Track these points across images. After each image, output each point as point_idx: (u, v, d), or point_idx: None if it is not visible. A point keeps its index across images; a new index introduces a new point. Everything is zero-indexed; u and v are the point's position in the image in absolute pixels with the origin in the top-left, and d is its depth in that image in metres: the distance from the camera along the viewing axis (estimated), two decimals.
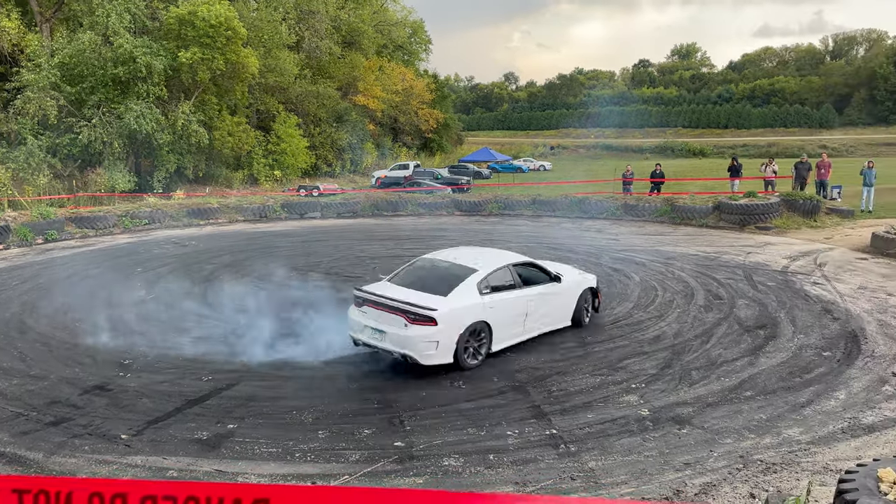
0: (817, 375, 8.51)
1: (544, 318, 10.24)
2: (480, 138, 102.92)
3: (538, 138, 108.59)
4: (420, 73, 67.30)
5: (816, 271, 14.88)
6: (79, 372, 9.20)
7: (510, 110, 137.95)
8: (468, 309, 8.93)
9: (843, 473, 4.38)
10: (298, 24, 46.79)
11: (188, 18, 32.86)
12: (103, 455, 6.68)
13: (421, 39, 67.63)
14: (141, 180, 34.14)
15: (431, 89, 62.94)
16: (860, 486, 4.08)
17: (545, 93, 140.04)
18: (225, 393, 8.33)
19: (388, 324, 8.82)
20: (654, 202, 25.54)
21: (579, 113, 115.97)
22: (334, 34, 49.90)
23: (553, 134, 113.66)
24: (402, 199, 29.91)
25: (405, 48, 65.95)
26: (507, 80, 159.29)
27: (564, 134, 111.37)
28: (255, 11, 42.81)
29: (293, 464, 6.44)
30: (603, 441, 6.80)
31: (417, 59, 68.94)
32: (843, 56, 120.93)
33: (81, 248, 20.63)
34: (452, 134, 74.82)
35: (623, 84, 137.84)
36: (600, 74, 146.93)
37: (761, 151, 75.42)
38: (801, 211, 22.05)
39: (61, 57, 32.08)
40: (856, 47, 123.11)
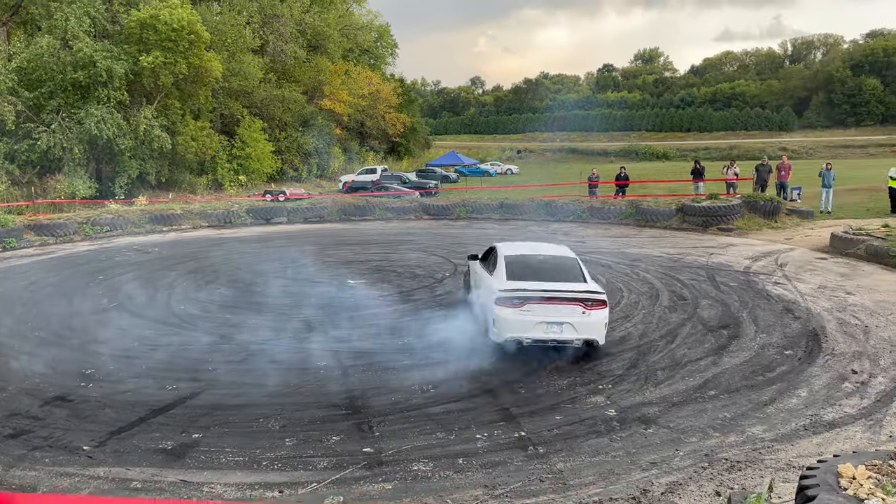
0: (779, 374, 8.67)
1: None
2: (448, 142, 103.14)
3: (505, 142, 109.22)
4: (386, 77, 67.26)
5: (777, 271, 15.17)
6: (39, 383, 8.99)
7: (477, 114, 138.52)
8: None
9: (805, 470, 4.47)
10: (263, 28, 46.43)
11: (150, 22, 32.41)
12: (65, 467, 6.53)
13: (387, 44, 67.59)
14: (102, 186, 33.55)
15: (398, 93, 62.97)
16: (821, 481, 4.16)
17: (511, 97, 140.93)
18: (190, 402, 8.20)
19: (566, 315, 9.24)
20: (619, 205, 25.83)
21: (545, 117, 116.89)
22: (299, 38, 49.62)
23: (520, 138, 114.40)
24: (369, 204, 29.83)
25: (371, 52, 65.84)
26: (474, 85, 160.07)
27: (531, 138, 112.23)
28: (218, 15, 42.42)
29: (260, 472, 6.36)
30: (571, 442, 6.84)
31: (384, 63, 68.92)
32: (802, 60, 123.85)
33: (41, 257, 20.18)
34: (420, 138, 74.89)
35: (588, 88, 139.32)
36: (565, 79, 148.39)
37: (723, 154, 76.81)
38: (762, 212, 22.47)
39: (19, 61, 31.43)
40: (814, 51, 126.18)
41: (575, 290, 9.45)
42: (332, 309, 12.77)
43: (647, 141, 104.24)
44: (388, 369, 9.19)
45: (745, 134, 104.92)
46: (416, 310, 12.53)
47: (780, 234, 20.70)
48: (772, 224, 21.98)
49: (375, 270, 16.55)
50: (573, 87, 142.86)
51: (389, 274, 16.07)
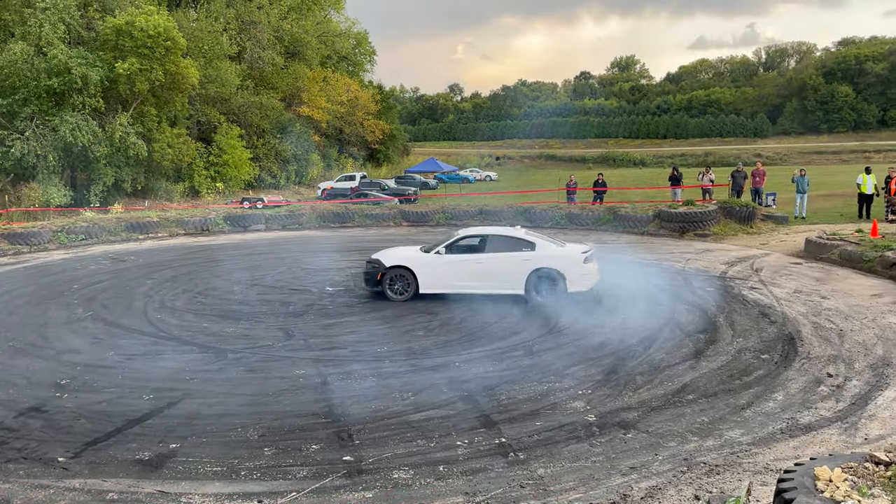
0: (756, 378, 8.76)
1: None
2: (427, 149, 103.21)
3: (484, 149, 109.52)
4: (365, 84, 67.16)
5: (753, 276, 15.34)
6: (13, 393, 8.84)
7: (456, 121, 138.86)
8: None
9: (782, 473, 4.51)
10: (240, 35, 46.20)
11: (125, 29, 32.12)
12: (39, 479, 6.42)
13: (365, 51, 67.51)
14: (77, 194, 33.14)
15: (377, 100, 62.88)
16: (798, 484, 4.20)
17: (490, 104, 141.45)
18: (167, 411, 8.11)
19: None
20: (597, 211, 26.00)
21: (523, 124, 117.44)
22: (277, 45, 49.40)
23: (498, 144, 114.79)
24: (348, 211, 29.75)
25: (349, 59, 65.72)
26: (453, 92, 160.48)
27: (509, 144, 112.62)
28: (195, 22, 42.12)
29: (238, 482, 6.30)
30: (551, 448, 6.86)
31: (362, 70, 68.81)
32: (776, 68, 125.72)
33: (15, 265, 19.87)
34: (399, 145, 74.85)
35: (565, 95, 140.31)
36: (543, 86, 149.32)
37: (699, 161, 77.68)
38: (737, 218, 22.73)
39: None
40: (787, 59, 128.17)
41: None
42: (311, 316, 12.71)
43: (624, 148, 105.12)
44: (367, 376, 9.16)
45: (720, 140, 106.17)
46: (397, 316, 12.51)
47: (756, 239, 20.95)
48: (747, 229, 22.24)
49: (355, 277, 16.48)
50: (551, 94, 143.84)
51: None
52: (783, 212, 24.54)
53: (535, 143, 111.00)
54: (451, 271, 13.51)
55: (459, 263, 13.53)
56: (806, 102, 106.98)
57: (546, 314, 12.30)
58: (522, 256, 13.34)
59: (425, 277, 13.62)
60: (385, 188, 41.93)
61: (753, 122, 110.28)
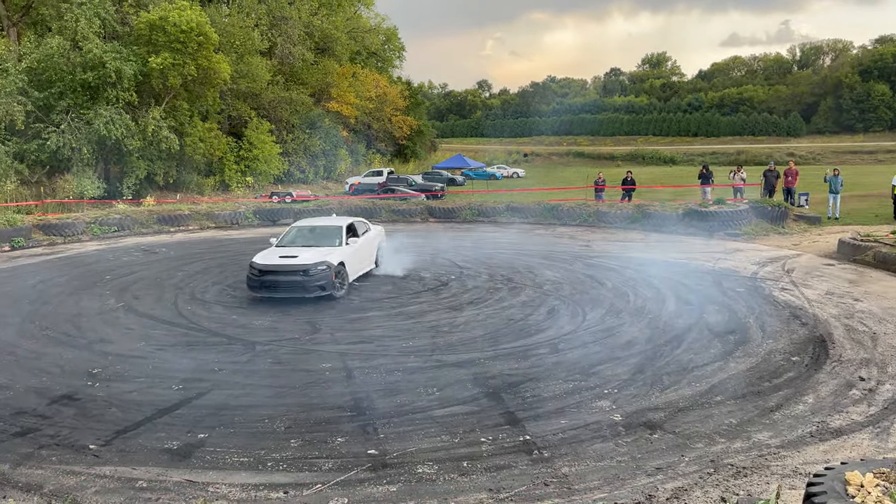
0: (786, 380, 8.64)
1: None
2: (454, 145, 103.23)
3: (511, 145, 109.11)
4: (394, 80, 67.35)
5: (784, 277, 15.12)
6: (46, 381, 9.03)
7: (484, 117, 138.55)
8: None
9: (812, 477, 4.45)
10: (271, 30, 46.57)
11: (159, 24, 32.55)
12: (71, 466, 6.55)
13: (394, 46, 67.69)
14: (110, 187, 33.70)
15: (405, 96, 63.05)
16: (828, 489, 4.14)
17: (518, 100, 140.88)
18: (195, 402, 8.23)
19: None
20: (625, 209, 25.79)
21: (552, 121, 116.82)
22: (307, 40, 49.74)
23: (526, 141, 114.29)
24: (375, 206, 29.87)
25: (379, 55, 65.94)
26: (481, 88, 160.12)
27: (537, 141, 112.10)
28: (227, 17, 42.56)
29: (265, 473, 6.38)
30: (576, 446, 6.83)
31: (391, 66, 69.00)
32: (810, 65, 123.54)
33: (49, 256, 20.27)
34: (426, 141, 74.97)
35: (595, 92, 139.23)
36: (572, 82, 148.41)
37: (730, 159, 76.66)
38: (769, 218, 22.40)
39: (29, 62, 31.59)
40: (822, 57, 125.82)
41: None
42: (337, 310, 12.80)
43: (654, 145, 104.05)
44: (392, 371, 9.20)
45: (752, 139, 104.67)
46: (422, 312, 12.54)
47: (788, 239, 20.64)
48: (779, 230, 21.91)
49: (380, 272, 16.55)
50: (580, 90, 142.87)
51: (394, 276, 16.08)
52: (816, 212, 24.13)
53: (563, 139, 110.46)
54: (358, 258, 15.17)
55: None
56: (841, 101, 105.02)
57: (572, 312, 12.25)
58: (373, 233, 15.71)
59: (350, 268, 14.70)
60: (412, 184, 42.02)
61: (786, 120, 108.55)
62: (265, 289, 13.36)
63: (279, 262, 13.42)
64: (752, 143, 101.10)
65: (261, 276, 13.28)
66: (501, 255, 18.67)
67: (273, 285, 13.29)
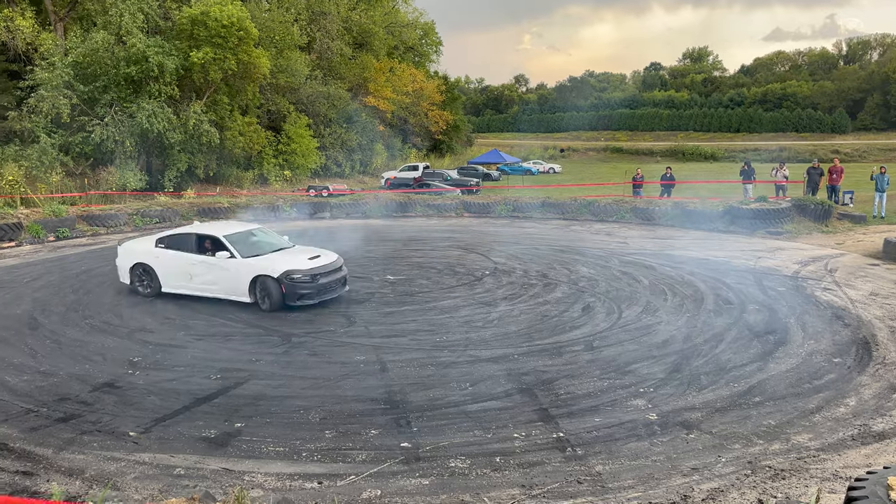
0: (827, 382, 8.46)
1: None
2: (490, 140, 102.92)
3: (548, 140, 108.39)
4: (430, 74, 67.38)
5: (827, 277, 14.79)
6: (88, 369, 9.26)
7: (520, 112, 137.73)
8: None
9: (853, 481, 4.35)
10: (310, 25, 46.94)
11: (200, 18, 33.00)
12: (111, 452, 6.71)
13: (432, 41, 67.69)
14: (152, 179, 34.33)
15: (442, 91, 63.01)
16: (870, 493, 4.05)
17: (555, 95, 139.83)
18: (233, 391, 8.36)
19: None
20: (664, 206, 25.45)
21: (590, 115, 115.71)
22: (345, 35, 50.01)
23: (563, 136, 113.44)
24: (411, 201, 29.93)
25: (416, 50, 66.03)
26: (518, 83, 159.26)
27: (575, 136, 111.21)
28: (267, 12, 42.96)
29: (300, 463, 6.45)
30: (610, 445, 6.78)
31: (428, 60, 69.02)
32: (857, 60, 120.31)
33: (92, 246, 20.74)
34: (462, 135, 74.91)
35: (634, 87, 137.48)
36: (611, 77, 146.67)
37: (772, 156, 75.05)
38: (812, 216, 21.93)
39: (75, 56, 32.29)
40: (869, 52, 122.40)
41: None
42: (372, 304, 12.87)
43: (695, 141, 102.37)
44: (426, 365, 9.23)
45: (795, 135, 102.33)
46: (456, 307, 12.55)
47: (831, 238, 20.17)
48: (822, 228, 21.43)
49: (416, 267, 16.61)
50: (619, 85, 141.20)
51: (429, 271, 16.12)
52: (861, 211, 23.53)
53: (600, 135, 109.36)
54: None
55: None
56: (889, 97, 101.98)
57: (607, 310, 12.14)
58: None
59: None
60: (447, 179, 41.99)
61: (831, 116, 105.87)
62: (320, 293, 12.55)
63: (323, 263, 12.77)
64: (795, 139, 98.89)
65: (315, 282, 12.41)
66: (536, 252, 18.58)
67: (326, 289, 12.66)
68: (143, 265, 13.45)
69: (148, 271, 13.41)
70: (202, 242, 13.10)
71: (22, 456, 6.63)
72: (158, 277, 13.32)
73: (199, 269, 12.95)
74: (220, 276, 12.75)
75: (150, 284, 13.42)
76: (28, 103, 31.27)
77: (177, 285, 13.22)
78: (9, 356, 9.81)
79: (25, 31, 33.57)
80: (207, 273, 12.86)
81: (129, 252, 13.78)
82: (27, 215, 22.46)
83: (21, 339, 10.72)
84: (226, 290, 12.80)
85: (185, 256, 13.09)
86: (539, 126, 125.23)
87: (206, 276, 12.90)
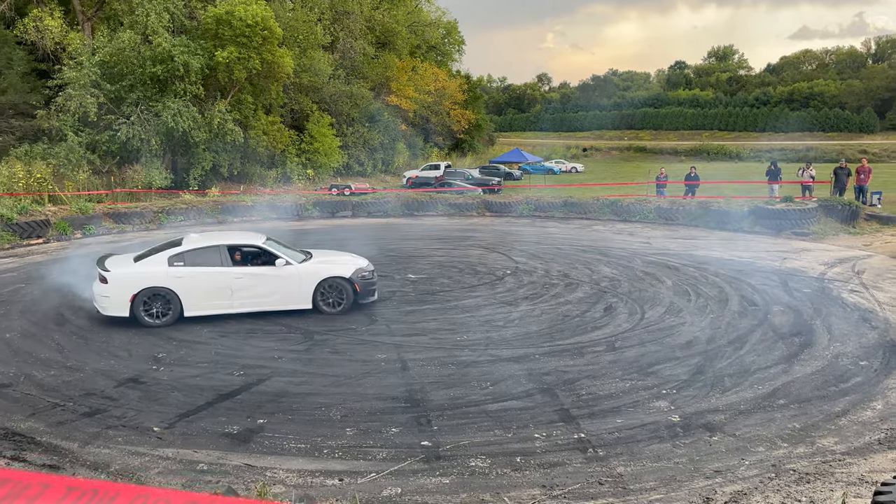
0: (853, 385, 8.33)
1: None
2: (512, 139, 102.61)
3: (571, 140, 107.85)
4: (453, 73, 67.31)
5: (854, 279, 14.57)
6: (114, 364, 9.38)
7: (543, 111, 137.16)
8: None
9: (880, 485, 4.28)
10: (333, 25, 47.11)
11: (225, 18, 33.27)
12: (136, 447, 6.79)
13: (454, 40, 67.62)
14: (177, 177, 34.67)
15: (464, 90, 62.92)
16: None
17: (578, 94, 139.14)
18: (255, 388, 8.42)
19: None
20: (688, 205, 25.23)
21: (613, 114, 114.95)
22: (368, 35, 50.14)
23: (586, 135, 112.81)
24: (432, 200, 29.96)
25: (438, 49, 66.00)
26: (540, 81, 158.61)
27: (598, 135, 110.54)
28: (291, 12, 43.20)
29: (321, 460, 6.49)
30: (632, 446, 6.73)
31: (450, 59, 68.93)
32: (886, 59, 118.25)
33: (118, 243, 21.01)
34: (484, 134, 74.73)
35: (658, 86, 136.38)
36: (635, 76, 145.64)
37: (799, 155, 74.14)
38: (839, 217, 21.62)
39: (102, 55, 32.72)
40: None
41: None
42: (393, 302, 12.90)
43: (720, 140, 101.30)
44: (446, 364, 9.23)
45: (822, 135, 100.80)
46: (477, 306, 12.54)
47: (858, 239, 19.87)
48: (849, 229, 21.12)
49: (437, 266, 16.62)
50: (643, 84, 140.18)
51: (450, 270, 16.12)
52: (889, 212, 23.14)
53: (624, 134, 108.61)
54: None
55: None
56: None
57: (630, 310, 12.07)
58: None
59: None
60: (469, 178, 41.95)
61: (859, 116, 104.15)
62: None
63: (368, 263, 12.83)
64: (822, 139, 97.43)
65: (374, 279, 12.60)
66: (558, 251, 18.51)
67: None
68: (156, 290, 11.34)
69: (163, 296, 11.35)
70: (233, 254, 11.92)
71: (49, 449, 6.73)
72: (181, 301, 11.42)
73: (246, 282, 11.68)
74: (277, 286, 11.78)
75: (165, 312, 11.37)
76: (56, 102, 31.74)
77: (208, 305, 11.62)
78: (36, 351, 9.97)
79: (54, 31, 34.11)
80: (258, 285, 11.72)
81: (129, 279, 11.39)
82: (55, 212, 22.82)
83: (48, 334, 10.90)
84: (283, 299, 11.88)
85: (222, 271, 11.60)
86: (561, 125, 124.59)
87: (256, 289, 11.71)
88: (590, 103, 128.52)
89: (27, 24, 34.21)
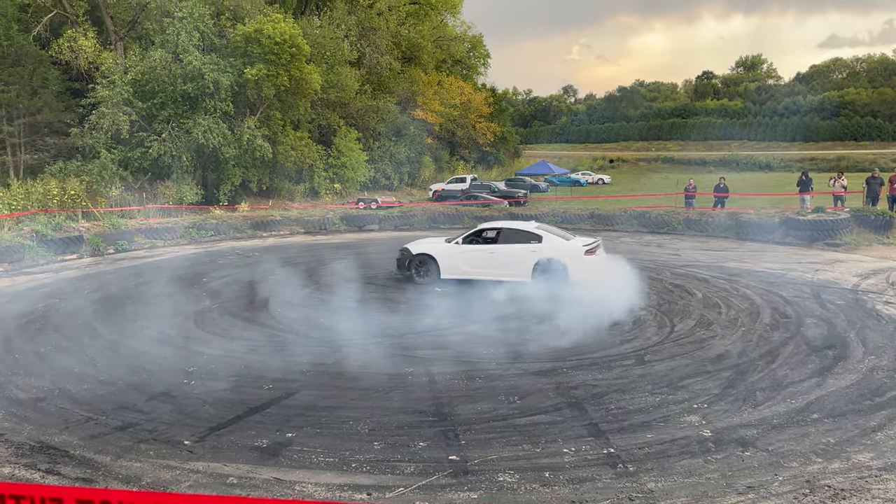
0: (889, 399, 8.15)
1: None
2: (538, 151, 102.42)
3: (597, 151, 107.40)
4: (478, 86, 67.53)
5: (889, 290, 14.29)
6: (145, 378, 9.50)
7: (569, 123, 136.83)
8: None
9: None
10: (360, 41, 47.61)
11: (254, 36, 33.83)
12: (167, 460, 6.86)
13: (479, 54, 67.89)
14: (207, 193, 35.19)
15: (489, 103, 63.06)
16: None
17: (604, 105, 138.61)
18: (284, 402, 8.47)
19: None
20: (717, 217, 24.97)
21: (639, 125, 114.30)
22: (394, 50, 50.57)
23: (613, 147, 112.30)
24: (458, 213, 30.03)
25: (464, 62, 66.30)
26: (566, 93, 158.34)
27: (624, 147, 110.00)
28: (318, 29, 43.78)
29: (349, 474, 6.50)
30: (663, 462, 6.65)
31: (476, 73, 69.20)
32: None
33: (150, 258, 21.34)
34: (510, 147, 74.75)
35: (685, 96, 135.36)
36: (662, 86, 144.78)
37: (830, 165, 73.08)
38: (872, 227, 21.25)
39: (134, 74, 33.43)
40: None
41: None
42: (422, 315, 12.92)
43: (749, 150, 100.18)
44: (473, 378, 9.21)
45: (854, 144, 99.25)
46: (505, 319, 12.50)
47: (892, 250, 19.49)
48: (883, 240, 20.73)
49: None
50: (670, 94, 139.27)
51: (477, 282, 16.08)
52: None
53: (651, 145, 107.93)
54: (467, 259, 15.44)
55: (474, 252, 15.40)
56: None
57: (659, 323, 11.95)
58: (530, 248, 14.87)
59: (445, 264, 15.64)
60: (495, 190, 41.99)
61: (892, 124, 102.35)
62: None
63: None
64: (854, 148, 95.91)
65: None
66: None
67: None
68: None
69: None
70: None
71: (82, 463, 6.83)
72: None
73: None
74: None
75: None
76: (89, 120, 32.48)
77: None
78: (70, 365, 10.14)
79: (87, 51, 34.94)
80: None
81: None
82: (88, 228, 23.25)
83: (82, 348, 11.08)
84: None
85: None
86: (588, 137, 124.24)
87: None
88: (616, 114, 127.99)
89: (62, 45, 35.11)
